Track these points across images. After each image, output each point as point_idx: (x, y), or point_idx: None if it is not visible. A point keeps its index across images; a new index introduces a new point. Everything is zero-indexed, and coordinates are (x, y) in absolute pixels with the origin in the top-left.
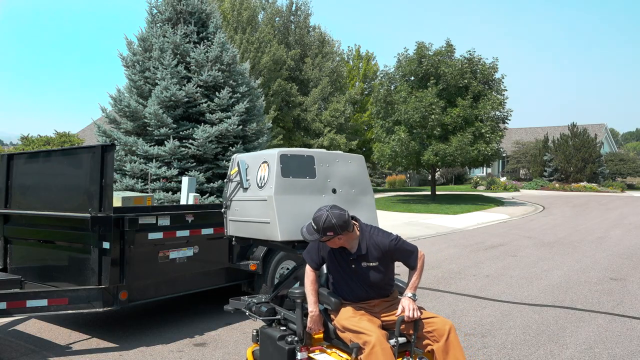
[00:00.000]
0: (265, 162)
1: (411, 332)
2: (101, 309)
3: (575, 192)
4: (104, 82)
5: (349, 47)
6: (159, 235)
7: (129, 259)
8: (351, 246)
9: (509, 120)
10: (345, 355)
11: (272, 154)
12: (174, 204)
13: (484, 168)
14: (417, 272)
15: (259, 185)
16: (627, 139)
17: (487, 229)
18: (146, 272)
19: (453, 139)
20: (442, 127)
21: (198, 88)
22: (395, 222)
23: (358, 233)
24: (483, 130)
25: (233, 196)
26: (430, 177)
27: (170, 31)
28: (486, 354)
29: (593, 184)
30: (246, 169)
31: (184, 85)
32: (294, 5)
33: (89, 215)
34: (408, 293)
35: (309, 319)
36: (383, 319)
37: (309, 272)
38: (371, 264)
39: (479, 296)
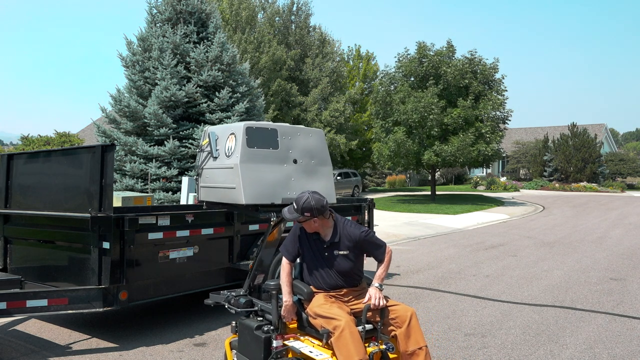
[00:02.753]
0: (232, 133)
1: (377, 319)
2: (101, 309)
3: (575, 192)
4: (104, 82)
5: (349, 47)
6: (159, 235)
7: (129, 259)
8: (325, 234)
9: (509, 120)
10: (317, 342)
11: (239, 127)
12: (174, 204)
13: (484, 168)
14: (384, 265)
15: (227, 154)
16: (627, 139)
17: (487, 229)
18: (146, 272)
19: (454, 139)
20: (442, 128)
21: (198, 88)
22: (395, 222)
23: (333, 222)
24: (483, 131)
25: (204, 165)
26: (430, 177)
27: (170, 31)
28: (486, 354)
29: (593, 184)
30: (216, 139)
31: (184, 85)
32: (295, 5)
33: (89, 215)
34: (375, 283)
35: (283, 308)
36: (352, 307)
37: (284, 265)
38: (342, 252)
39: (479, 296)
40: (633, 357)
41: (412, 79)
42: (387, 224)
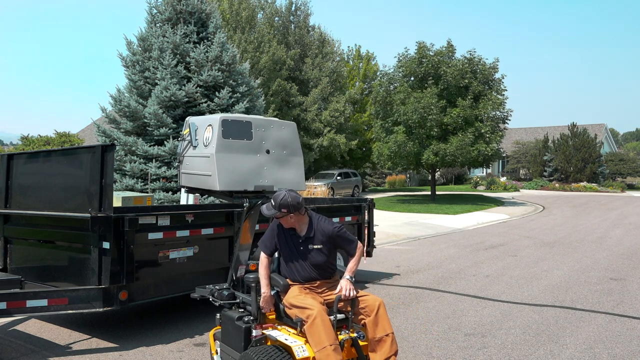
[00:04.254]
0: (210, 125)
1: (349, 308)
2: (101, 309)
3: (575, 192)
4: (104, 82)
5: (349, 47)
6: (159, 235)
7: (129, 259)
8: (301, 229)
9: (509, 120)
10: (292, 330)
11: (215, 119)
12: (174, 204)
13: (484, 168)
14: (355, 259)
15: (205, 144)
16: (627, 139)
17: (487, 229)
18: (146, 272)
19: (453, 139)
20: (441, 128)
21: (198, 88)
22: (395, 222)
23: (308, 218)
24: (483, 131)
25: (185, 153)
26: (430, 177)
27: (170, 31)
28: (486, 354)
29: (593, 184)
30: (195, 130)
31: (184, 85)
32: (294, 5)
33: (89, 215)
34: (347, 275)
35: (261, 299)
36: (325, 297)
37: (263, 259)
38: (316, 246)
39: (479, 296)
40: (633, 357)
41: (412, 79)
42: (387, 224)
